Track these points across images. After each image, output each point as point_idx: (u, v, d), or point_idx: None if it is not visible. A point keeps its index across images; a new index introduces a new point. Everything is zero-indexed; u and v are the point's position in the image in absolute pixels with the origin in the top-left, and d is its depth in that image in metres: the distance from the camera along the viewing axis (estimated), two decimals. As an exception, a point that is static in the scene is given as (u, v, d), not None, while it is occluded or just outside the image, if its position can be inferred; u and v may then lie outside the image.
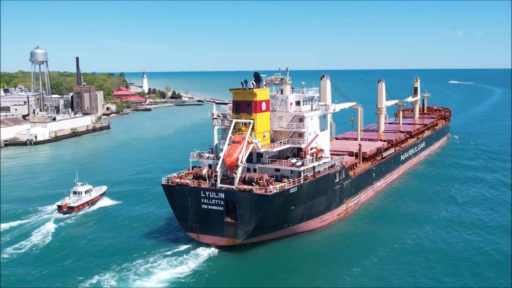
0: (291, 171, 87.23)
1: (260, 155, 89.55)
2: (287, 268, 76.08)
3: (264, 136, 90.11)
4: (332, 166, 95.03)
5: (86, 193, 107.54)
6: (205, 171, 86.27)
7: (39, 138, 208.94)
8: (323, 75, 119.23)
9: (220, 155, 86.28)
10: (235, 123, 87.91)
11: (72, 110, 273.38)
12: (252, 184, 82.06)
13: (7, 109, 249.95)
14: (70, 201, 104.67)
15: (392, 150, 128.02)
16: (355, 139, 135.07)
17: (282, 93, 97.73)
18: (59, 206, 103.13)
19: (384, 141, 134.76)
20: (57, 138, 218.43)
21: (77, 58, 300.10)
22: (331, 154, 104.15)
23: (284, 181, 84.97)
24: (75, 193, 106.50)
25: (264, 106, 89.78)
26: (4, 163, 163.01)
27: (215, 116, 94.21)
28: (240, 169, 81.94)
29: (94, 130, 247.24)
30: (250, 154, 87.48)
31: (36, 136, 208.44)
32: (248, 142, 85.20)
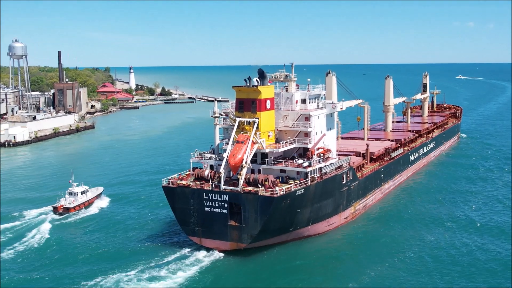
0: (297, 172, 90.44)
1: (264, 155, 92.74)
2: (293, 274, 78.84)
3: (269, 135, 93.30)
4: (340, 167, 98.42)
5: (82, 194, 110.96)
6: (207, 172, 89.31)
7: (18, 139, 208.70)
8: (329, 71, 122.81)
9: (223, 155, 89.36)
10: (239, 122, 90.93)
11: (54, 108, 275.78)
12: (257, 185, 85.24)
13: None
14: (66, 202, 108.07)
15: (400, 150, 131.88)
16: (362, 138, 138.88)
17: (287, 91, 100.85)
18: (54, 208, 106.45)
19: (392, 140, 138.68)
20: (37, 139, 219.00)
21: (59, 52, 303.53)
22: (337, 154, 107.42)
23: (290, 182, 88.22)
24: (71, 194, 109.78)
25: (268, 104, 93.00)
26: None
27: (217, 115, 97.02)
28: (244, 170, 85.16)
29: (78, 130, 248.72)
30: (254, 155, 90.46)
31: (15, 137, 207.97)
32: (253, 142, 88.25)
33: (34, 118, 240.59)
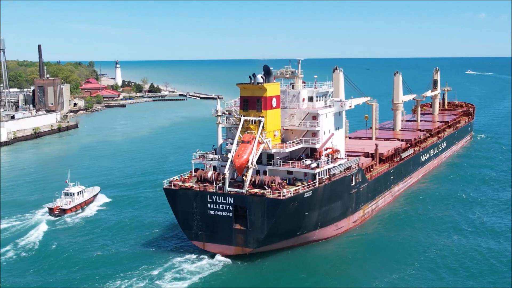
0: (304, 174, 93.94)
1: (270, 156, 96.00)
2: (300, 282, 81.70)
3: (275, 135, 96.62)
4: (348, 168, 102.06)
5: (78, 194, 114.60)
6: (210, 174, 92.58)
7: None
8: (336, 67, 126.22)
9: (227, 156, 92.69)
10: (244, 121, 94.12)
11: (34, 106, 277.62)
12: (264, 187, 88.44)
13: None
14: (62, 203, 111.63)
15: (411, 151, 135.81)
16: (370, 138, 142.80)
17: (293, 88, 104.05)
18: (50, 209, 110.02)
19: (402, 140, 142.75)
20: (16, 140, 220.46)
21: (39, 45, 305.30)
22: (345, 155, 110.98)
23: (297, 184, 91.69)
24: (67, 194, 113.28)
25: (274, 102, 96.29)
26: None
27: (219, 113, 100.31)
28: (250, 171, 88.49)
29: (60, 130, 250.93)
30: (259, 155, 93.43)
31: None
32: (259, 142, 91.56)
33: (13, 117, 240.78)
